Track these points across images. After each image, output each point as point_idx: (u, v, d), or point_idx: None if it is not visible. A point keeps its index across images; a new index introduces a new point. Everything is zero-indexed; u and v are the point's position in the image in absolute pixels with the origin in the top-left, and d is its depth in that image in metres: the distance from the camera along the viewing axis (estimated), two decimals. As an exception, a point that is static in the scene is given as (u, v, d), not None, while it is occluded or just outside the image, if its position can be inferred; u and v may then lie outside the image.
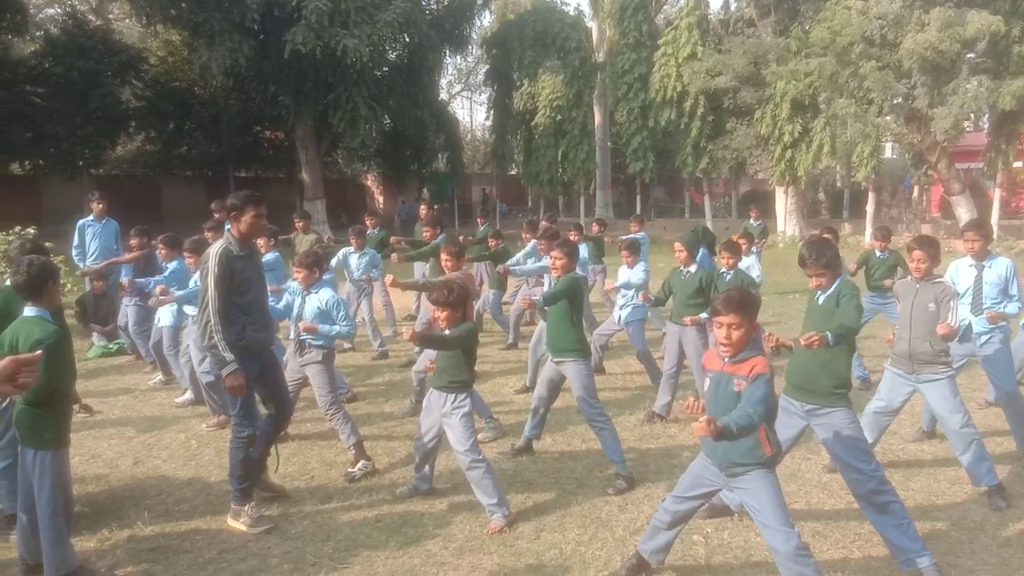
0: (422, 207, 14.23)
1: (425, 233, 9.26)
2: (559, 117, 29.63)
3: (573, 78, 28.97)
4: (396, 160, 32.06)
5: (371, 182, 40.06)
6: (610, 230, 14.44)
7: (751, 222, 13.16)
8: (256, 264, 4.75)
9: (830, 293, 4.23)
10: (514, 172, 38.48)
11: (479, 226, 13.35)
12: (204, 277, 4.44)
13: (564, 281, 5.47)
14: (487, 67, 32.79)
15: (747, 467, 3.52)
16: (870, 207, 25.19)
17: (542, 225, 11.09)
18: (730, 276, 7.06)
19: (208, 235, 8.52)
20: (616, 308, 7.94)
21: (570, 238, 8.30)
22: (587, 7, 35.47)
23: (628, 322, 7.59)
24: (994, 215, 22.46)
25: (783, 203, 26.85)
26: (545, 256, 7.48)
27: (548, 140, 29.98)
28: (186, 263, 7.05)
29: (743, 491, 3.57)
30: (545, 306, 5.72)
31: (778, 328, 9.71)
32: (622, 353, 9.09)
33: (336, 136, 26.37)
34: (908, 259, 4.93)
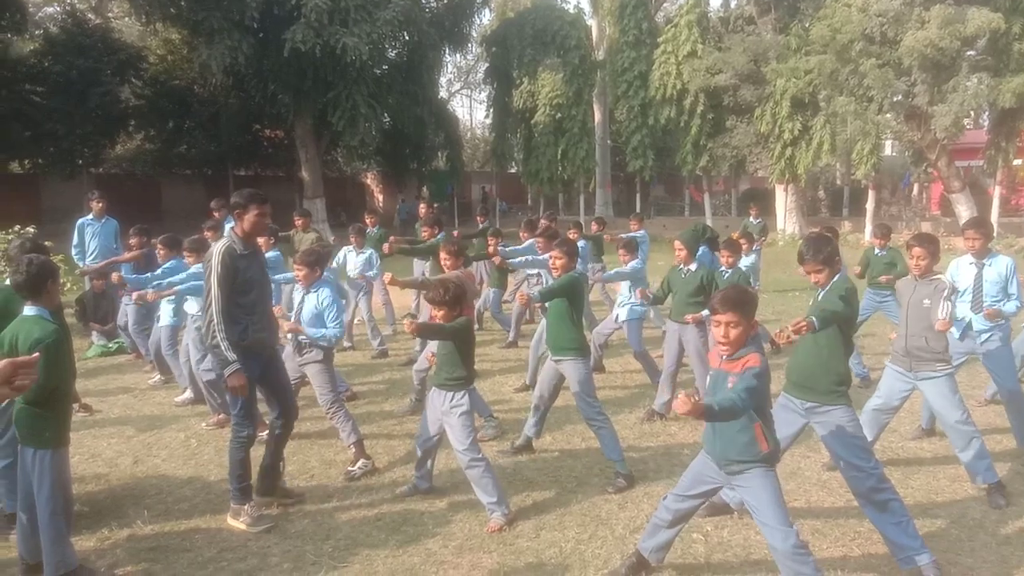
0: (421, 205, 14.24)
1: (424, 233, 9.26)
2: (559, 115, 29.59)
3: (573, 76, 28.93)
4: (396, 158, 32.00)
5: (371, 180, 40.01)
6: (610, 228, 14.43)
7: (751, 220, 13.15)
8: (260, 263, 4.72)
9: (828, 289, 4.23)
10: (514, 170, 38.45)
11: (479, 224, 13.35)
12: (207, 276, 4.42)
13: (564, 278, 5.47)
14: (487, 65, 32.71)
15: (745, 464, 3.52)
16: (870, 205, 25.17)
17: (542, 223, 11.07)
18: (728, 274, 7.07)
19: (208, 234, 8.52)
20: (615, 307, 7.94)
21: (570, 237, 8.29)
22: (587, 5, 35.53)
23: (626, 321, 7.58)
24: (994, 213, 22.43)
25: (783, 201, 26.83)
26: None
27: (548, 138, 29.94)
28: (184, 262, 7.05)
29: (743, 489, 3.58)
30: (541, 301, 5.72)
31: (778, 326, 9.69)
32: (622, 352, 9.09)
33: (336, 134, 26.32)
34: (908, 256, 4.93)
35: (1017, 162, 25.76)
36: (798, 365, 4.30)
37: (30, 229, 10.51)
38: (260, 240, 7.17)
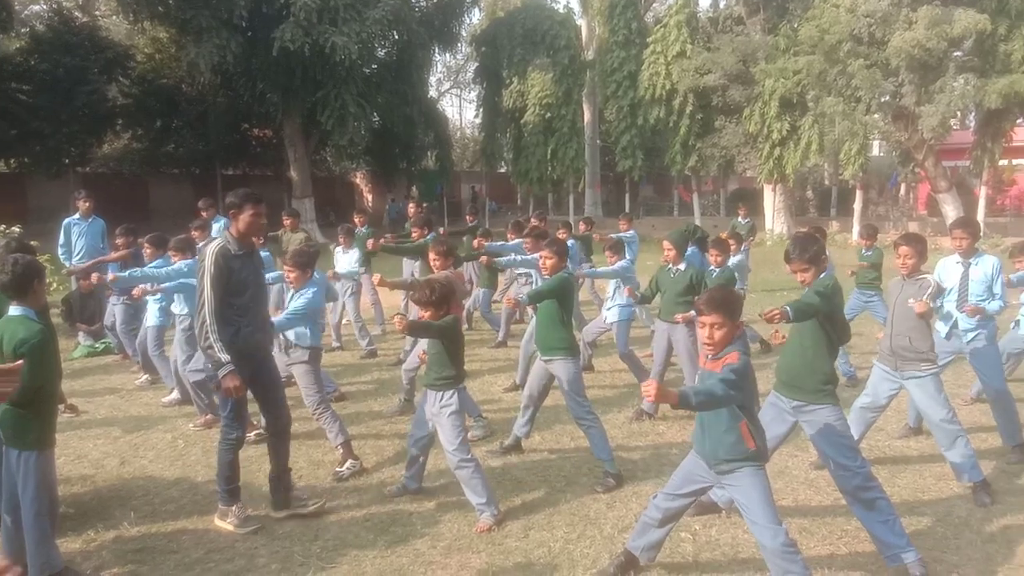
0: (410, 205, 14.21)
1: (414, 233, 9.26)
2: (548, 115, 29.60)
3: (562, 76, 28.96)
4: (385, 158, 31.94)
5: (360, 180, 39.93)
6: (599, 228, 14.45)
7: (739, 220, 13.19)
8: (255, 264, 4.64)
9: (811, 287, 4.23)
10: (503, 170, 38.43)
11: (468, 224, 13.35)
12: (200, 277, 4.37)
13: (553, 279, 5.47)
14: (476, 65, 32.72)
15: (734, 463, 3.54)
16: (857, 205, 25.29)
17: (531, 223, 11.07)
18: (717, 273, 7.09)
19: (195, 234, 8.48)
20: (604, 307, 7.95)
21: (559, 237, 8.29)
22: (576, 5, 35.49)
23: (614, 322, 7.59)
24: (980, 213, 22.58)
25: (771, 201, 26.93)
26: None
27: (537, 138, 29.95)
28: (171, 262, 7.02)
29: (733, 488, 3.60)
30: (530, 304, 5.72)
31: (766, 326, 9.72)
32: (611, 351, 9.08)
33: (325, 134, 26.26)
34: (895, 255, 4.96)
35: (1003, 162, 25.98)
36: (786, 364, 4.33)
37: (16, 228, 10.46)
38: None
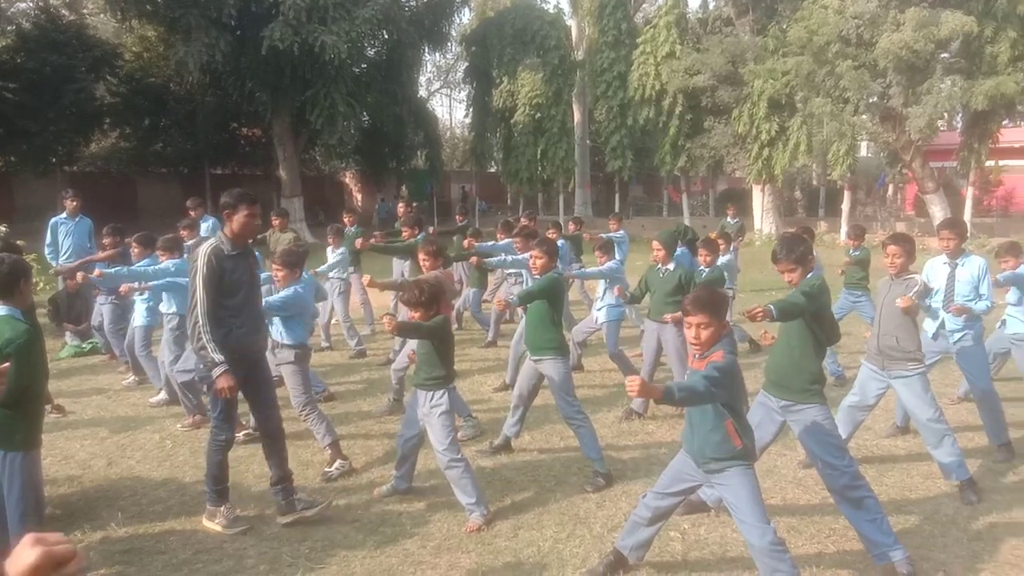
0: (400, 205, 14.18)
1: (404, 233, 9.24)
2: (538, 115, 29.62)
3: (552, 76, 28.98)
4: (375, 157, 31.88)
5: (349, 179, 39.83)
6: (589, 228, 14.45)
7: (728, 220, 13.21)
8: (249, 265, 4.59)
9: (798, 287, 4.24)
10: (493, 170, 38.43)
11: (458, 224, 13.33)
12: (192, 277, 4.34)
13: (543, 280, 5.47)
14: (466, 64, 32.69)
15: (721, 462, 3.56)
16: (845, 205, 25.40)
17: (521, 223, 11.07)
18: (706, 273, 7.11)
19: (183, 233, 8.45)
20: (593, 309, 7.96)
21: (548, 237, 8.29)
22: (566, 5, 35.48)
23: (604, 323, 7.60)
24: (967, 213, 22.73)
25: (760, 201, 27.01)
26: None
27: (527, 138, 29.96)
28: (158, 261, 6.99)
29: (722, 487, 3.61)
30: (520, 304, 5.72)
31: (755, 324, 9.76)
32: (600, 351, 9.09)
33: (314, 133, 26.19)
34: (884, 255, 4.98)
35: (989, 163, 26.16)
36: (774, 364, 4.35)
37: (2, 228, 10.39)
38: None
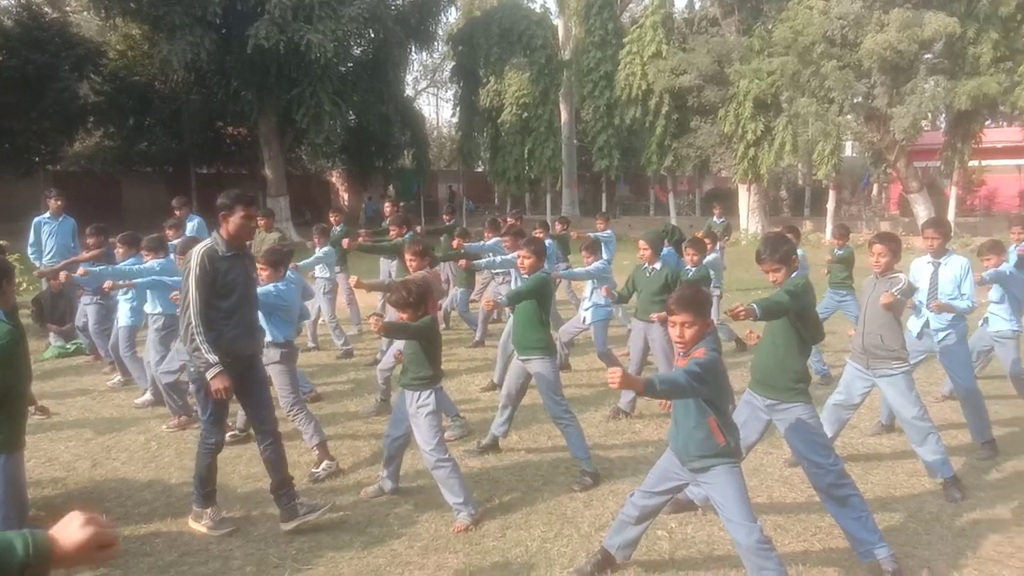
0: (387, 204, 14.15)
1: (392, 232, 9.21)
2: (525, 114, 29.64)
3: (539, 75, 29.00)
4: (361, 157, 31.80)
5: (336, 179, 39.72)
6: (576, 227, 14.48)
7: (715, 219, 13.27)
8: (245, 267, 4.52)
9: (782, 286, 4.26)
10: (480, 169, 38.42)
11: (446, 223, 13.31)
12: (185, 278, 4.30)
13: (532, 280, 5.47)
14: (453, 64, 32.68)
15: (706, 460, 3.57)
16: (830, 205, 25.55)
17: (508, 222, 11.07)
18: (693, 273, 7.13)
19: (169, 233, 8.40)
20: (581, 307, 7.97)
21: (536, 236, 8.30)
22: (553, 5, 35.54)
23: (592, 323, 7.62)
24: (950, 212, 22.93)
25: (746, 201, 27.13)
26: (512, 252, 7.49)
27: (514, 137, 29.97)
28: (143, 261, 6.95)
29: (708, 486, 3.62)
30: (509, 304, 5.72)
31: (741, 324, 9.80)
32: (588, 350, 9.12)
33: (300, 132, 26.09)
34: (869, 254, 5.01)
35: (973, 163, 26.38)
36: (759, 363, 4.36)
37: (-16, 228, 10.27)
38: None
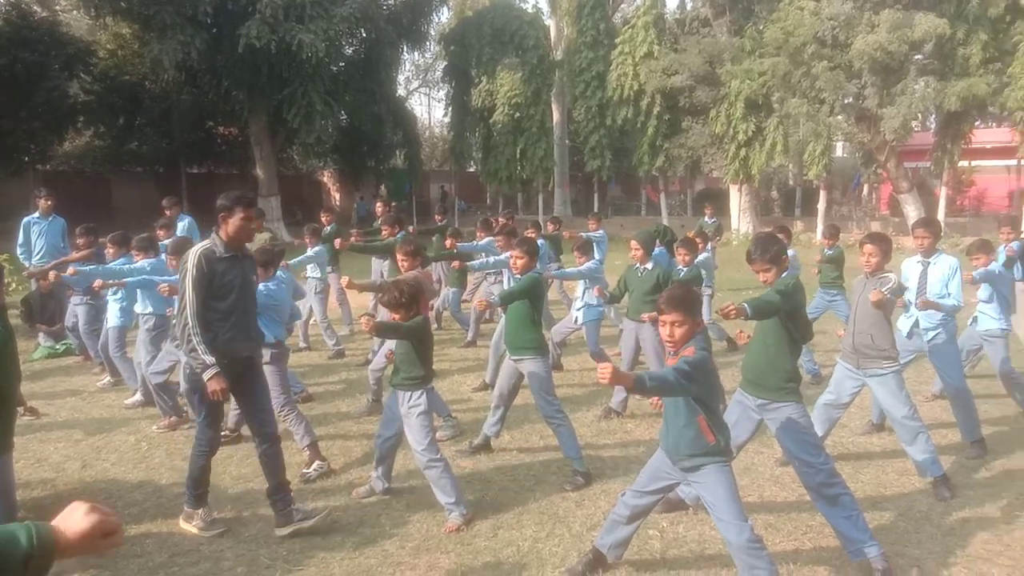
0: (379, 204, 14.13)
1: (384, 231, 9.21)
2: (517, 114, 29.63)
3: (531, 76, 29.01)
4: (353, 157, 31.75)
5: (327, 179, 39.61)
6: (568, 227, 14.48)
7: (706, 219, 13.31)
8: (244, 269, 4.47)
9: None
10: (473, 169, 38.42)
11: (438, 223, 13.30)
12: (182, 279, 4.28)
13: (524, 280, 5.47)
14: (445, 64, 32.64)
15: (696, 458, 3.58)
16: (821, 205, 25.66)
17: (500, 222, 11.08)
18: (684, 273, 7.15)
19: (159, 233, 8.35)
20: (573, 307, 7.98)
21: (528, 236, 8.30)
22: (545, 5, 35.66)
23: (584, 322, 7.63)
24: (940, 212, 23.05)
25: (737, 201, 27.22)
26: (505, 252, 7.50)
27: (506, 137, 29.97)
28: (133, 261, 6.92)
29: (699, 485, 3.63)
30: (501, 305, 5.72)
31: (731, 323, 9.84)
32: (580, 350, 9.13)
33: (291, 132, 26.04)
34: (860, 254, 5.04)
35: (962, 164, 26.53)
36: (750, 363, 4.37)
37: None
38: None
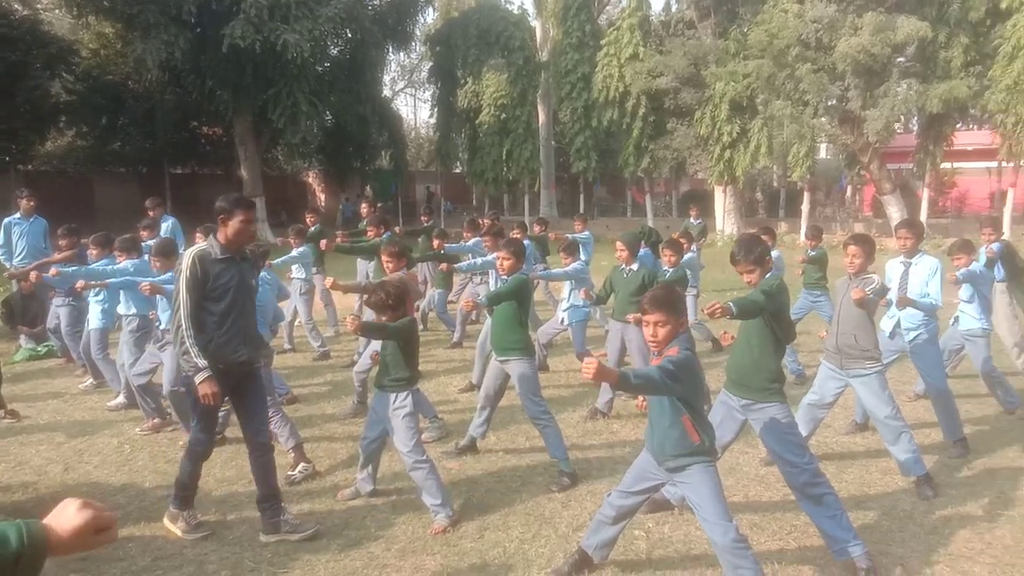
0: (364, 205, 14.10)
1: (369, 232, 9.18)
2: (503, 115, 29.67)
3: (517, 77, 29.05)
4: (338, 157, 31.67)
5: (312, 179, 39.49)
6: (554, 228, 14.50)
7: (691, 221, 13.34)
8: (242, 272, 4.40)
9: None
10: (459, 170, 38.42)
11: (423, 224, 13.27)
12: (177, 280, 4.25)
13: (511, 282, 5.46)
14: (431, 64, 32.64)
15: (681, 459, 3.59)
16: (805, 206, 25.81)
17: (485, 223, 11.07)
18: (670, 273, 7.17)
19: (143, 234, 8.30)
20: (559, 308, 7.99)
21: (514, 237, 8.30)
22: (531, 6, 35.68)
23: (570, 323, 7.64)
24: (923, 214, 23.27)
25: (722, 202, 27.34)
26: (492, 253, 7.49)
27: (492, 138, 29.99)
28: (116, 262, 6.86)
29: (684, 485, 3.64)
30: (488, 306, 5.72)
31: (716, 324, 9.89)
32: (566, 351, 9.14)
33: (276, 132, 25.95)
34: (844, 255, 5.07)
35: (945, 165, 26.77)
36: (734, 363, 4.39)
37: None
38: (199, 239, 7.03)
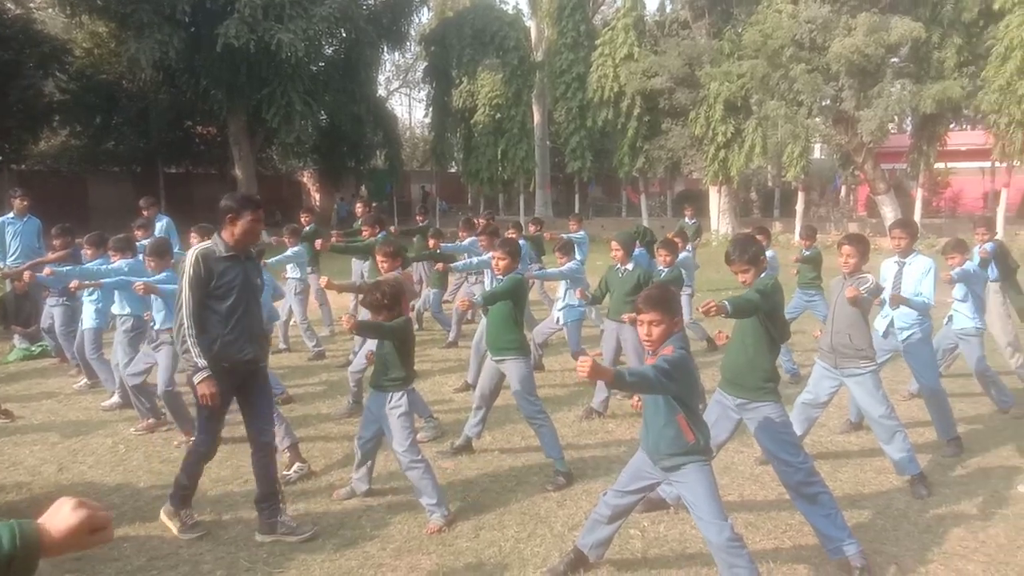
0: (359, 205, 14.08)
1: (364, 232, 9.17)
2: (498, 115, 29.63)
3: (512, 77, 29.03)
4: (333, 157, 31.59)
5: (307, 179, 39.40)
6: (549, 228, 14.50)
7: (686, 221, 13.37)
8: (247, 271, 4.36)
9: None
10: (454, 170, 38.36)
11: (419, 224, 13.28)
12: (180, 278, 4.24)
13: (507, 281, 5.47)
14: (426, 64, 32.60)
15: (676, 458, 3.59)
16: (799, 206, 25.85)
17: (480, 223, 11.07)
18: (665, 273, 7.18)
19: (137, 233, 8.27)
20: (555, 308, 7.99)
21: (510, 237, 8.30)
22: (525, 6, 35.58)
23: (565, 323, 7.64)
24: (916, 214, 23.32)
25: (716, 202, 27.37)
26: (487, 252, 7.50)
27: (487, 138, 29.95)
28: (111, 262, 6.85)
29: (679, 484, 3.64)
30: (484, 305, 5.72)
31: (711, 323, 9.91)
32: (561, 350, 9.15)
33: (270, 131, 25.86)
34: (838, 255, 5.08)
35: (938, 165, 26.85)
36: (729, 363, 4.40)
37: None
38: (194, 239, 7.00)
